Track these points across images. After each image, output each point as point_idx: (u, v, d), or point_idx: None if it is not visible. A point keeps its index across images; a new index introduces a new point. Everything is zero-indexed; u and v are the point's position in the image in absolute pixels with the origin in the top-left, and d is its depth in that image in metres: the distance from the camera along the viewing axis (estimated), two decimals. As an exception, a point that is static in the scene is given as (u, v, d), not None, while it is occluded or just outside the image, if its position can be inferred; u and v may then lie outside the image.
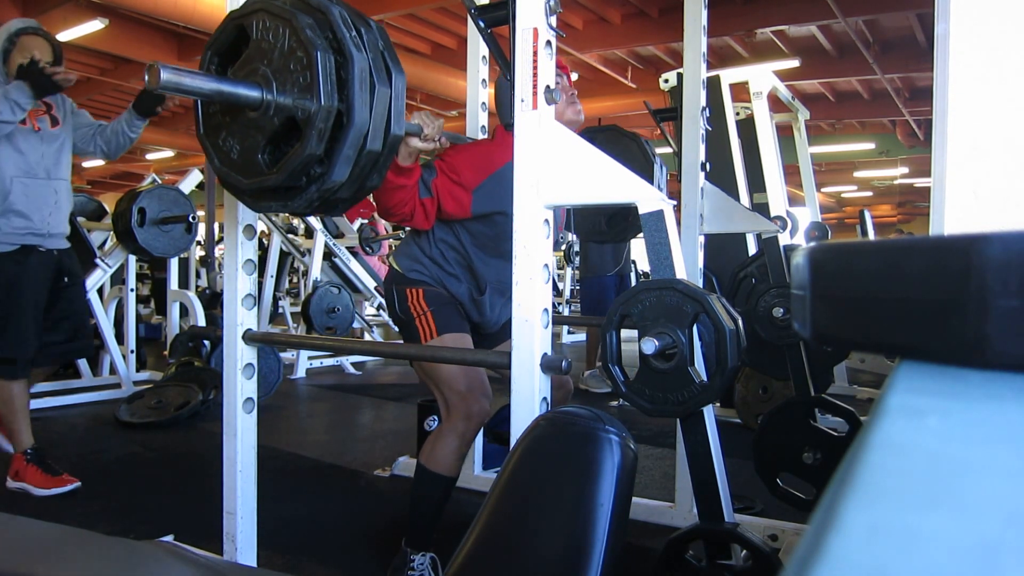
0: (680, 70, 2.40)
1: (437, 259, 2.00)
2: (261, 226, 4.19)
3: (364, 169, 1.38)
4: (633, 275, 9.18)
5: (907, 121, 12.41)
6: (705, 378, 1.29)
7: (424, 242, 2.02)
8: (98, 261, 4.14)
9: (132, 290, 4.76)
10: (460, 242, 1.98)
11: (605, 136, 2.77)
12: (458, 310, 2.02)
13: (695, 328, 1.29)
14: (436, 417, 3.18)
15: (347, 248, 5.76)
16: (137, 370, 4.94)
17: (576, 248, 8.74)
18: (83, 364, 4.61)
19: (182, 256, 5.37)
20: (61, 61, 2.77)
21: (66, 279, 2.85)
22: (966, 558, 0.20)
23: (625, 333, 1.39)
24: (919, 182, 17.30)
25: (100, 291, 4.48)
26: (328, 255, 5.64)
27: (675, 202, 1.49)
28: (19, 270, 2.66)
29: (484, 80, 2.67)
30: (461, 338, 1.96)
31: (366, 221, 6.47)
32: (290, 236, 6.01)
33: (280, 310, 5.95)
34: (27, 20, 2.79)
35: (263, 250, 5.62)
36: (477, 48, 2.61)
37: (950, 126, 0.73)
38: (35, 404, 4.03)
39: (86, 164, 15.41)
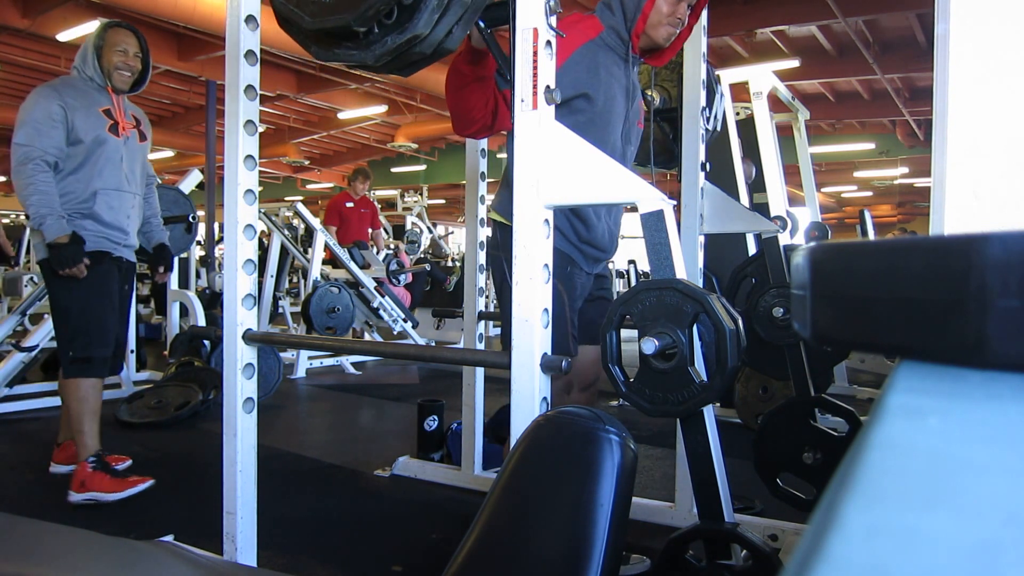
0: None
1: None
2: (261, 226, 4.19)
3: None
4: (633, 275, 9.17)
5: (907, 121, 12.42)
6: (705, 378, 1.29)
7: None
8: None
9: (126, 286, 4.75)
10: None
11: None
12: (562, 305, 1.80)
13: (695, 328, 1.29)
14: (436, 417, 3.19)
15: (374, 279, 5.76)
16: (137, 370, 4.94)
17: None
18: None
19: (182, 256, 5.37)
20: (148, 54, 2.81)
21: (126, 288, 2.87)
22: (966, 558, 0.20)
23: (625, 333, 1.39)
24: (919, 182, 17.32)
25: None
26: (355, 285, 5.64)
27: (675, 202, 1.49)
28: (97, 271, 2.66)
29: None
30: None
31: (391, 251, 6.45)
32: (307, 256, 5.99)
33: (280, 310, 5.95)
34: (113, 20, 2.84)
35: (263, 250, 5.62)
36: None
37: (950, 126, 0.72)
38: (36, 404, 4.05)
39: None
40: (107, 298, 2.71)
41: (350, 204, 6.91)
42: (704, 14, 2.27)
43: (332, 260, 5.87)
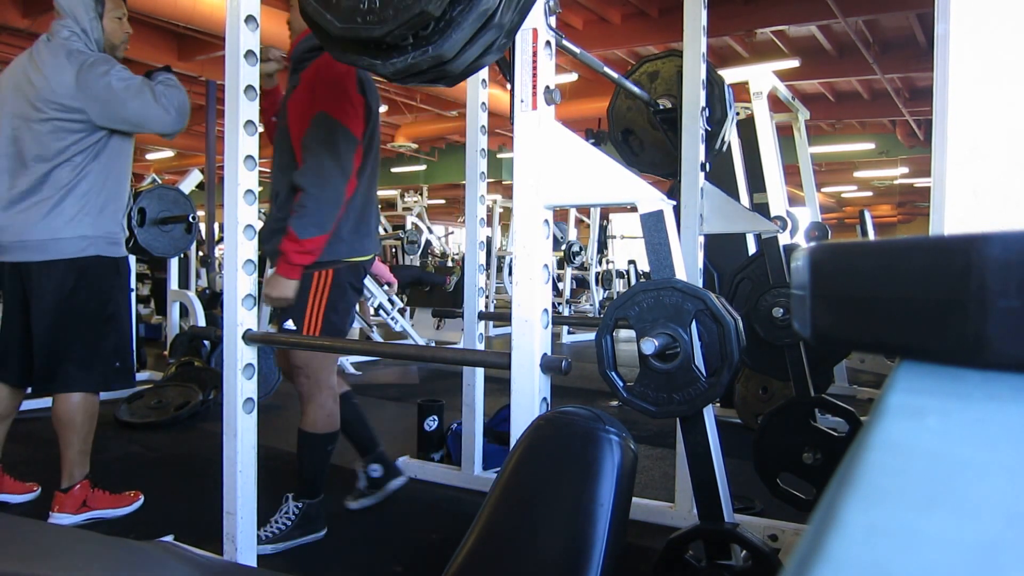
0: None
1: None
2: (260, 225, 4.18)
3: None
4: (633, 275, 9.15)
5: (907, 121, 12.42)
6: (706, 376, 1.29)
7: None
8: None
9: (132, 290, 4.75)
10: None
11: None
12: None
13: (694, 326, 1.29)
14: (436, 417, 3.19)
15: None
16: (137, 370, 4.92)
17: (576, 248, 8.74)
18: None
19: (182, 256, 5.38)
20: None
21: None
22: (966, 558, 0.19)
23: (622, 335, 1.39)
24: (919, 182, 17.31)
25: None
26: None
27: (675, 202, 1.49)
28: (123, 279, 2.52)
29: (484, 80, 2.68)
30: None
31: None
32: None
33: (280, 310, 5.94)
34: None
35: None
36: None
37: (950, 126, 0.72)
38: (36, 404, 4.04)
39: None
40: (128, 306, 2.59)
41: None
42: (704, 14, 2.27)
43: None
